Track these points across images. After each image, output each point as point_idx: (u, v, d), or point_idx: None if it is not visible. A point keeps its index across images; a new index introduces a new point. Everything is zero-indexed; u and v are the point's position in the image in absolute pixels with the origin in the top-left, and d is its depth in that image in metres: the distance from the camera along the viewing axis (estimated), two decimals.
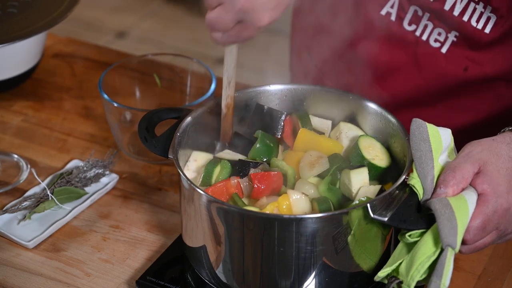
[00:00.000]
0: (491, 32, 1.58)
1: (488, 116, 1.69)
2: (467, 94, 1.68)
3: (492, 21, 1.58)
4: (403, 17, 1.67)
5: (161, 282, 1.43)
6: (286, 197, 1.35)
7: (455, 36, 1.63)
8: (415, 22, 1.66)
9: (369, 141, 1.45)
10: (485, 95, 1.68)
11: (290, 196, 1.35)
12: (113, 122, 1.71)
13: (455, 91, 1.69)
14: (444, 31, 1.63)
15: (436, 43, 1.65)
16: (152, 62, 1.82)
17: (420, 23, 1.65)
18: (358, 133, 1.49)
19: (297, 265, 1.32)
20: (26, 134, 1.81)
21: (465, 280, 1.47)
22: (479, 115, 1.70)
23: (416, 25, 1.66)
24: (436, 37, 1.64)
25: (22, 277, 1.48)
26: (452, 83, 1.68)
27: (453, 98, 1.70)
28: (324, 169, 1.42)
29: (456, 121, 1.72)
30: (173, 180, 1.69)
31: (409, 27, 1.67)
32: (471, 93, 1.68)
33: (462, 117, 1.72)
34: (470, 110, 1.70)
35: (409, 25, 1.67)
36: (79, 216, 1.60)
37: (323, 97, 1.53)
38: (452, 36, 1.63)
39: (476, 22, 1.59)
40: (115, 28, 4.10)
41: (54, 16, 1.81)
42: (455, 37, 1.63)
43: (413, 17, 1.66)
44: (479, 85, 1.66)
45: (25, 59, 1.88)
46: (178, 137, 1.43)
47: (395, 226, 1.29)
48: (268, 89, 1.54)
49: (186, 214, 1.40)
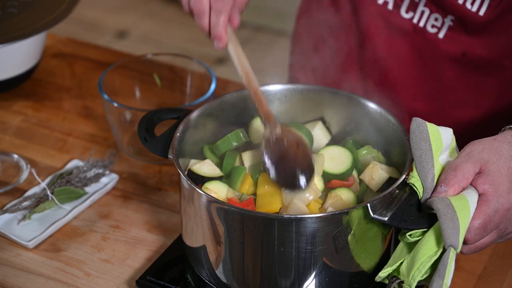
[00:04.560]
0: (485, 14, 1.60)
1: (488, 112, 1.70)
2: (467, 86, 1.69)
3: (486, 3, 1.60)
4: (400, 5, 1.69)
5: (161, 282, 1.43)
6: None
7: (451, 20, 1.64)
8: (412, 9, 1.68)
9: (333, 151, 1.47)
10: (485, 88, 1.68)
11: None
12: (113, 122, 1.71)
13: (455, 82, 1.70)
14: (440, 16, 1.65)
15: (433, 28, 1.67)
16: (152, 62, 1.82)
17: (417, 10, 1.67)
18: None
19: (297, 265, 1.32)
20: (26, 134, 1.81)
21: (465, 280, 1.47)
22: (479, 111, 1.70)
23: (413, 12, 1.68)
24: (433, 22, 1.66)
25: (22, 277, 1.48)
26: (452, 73, 1.69)
27: (453, 91, 1.71)
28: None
29: (456, 117, 1.72)
30: (173, 180, 1.69)
31: (407, 15, 1.69)
32: (471, 85, 1.69)
33: (462, 113, 1.72)
34: (470, 105, 1.71)
35: (406, 13, 1.69)
36: (79, 216, 1.60)
37: (323, 97, 1.53)
38: (449, 21, 1.64)
39: (471, 4, 1.61)
40: (115, 28, 4.10)
41: (54, 16, 1.80)
42: (452, 21, 1.64)
43: (410, 4, 1.68)
44: (479, 75, 1.67)
45: (25, 59, 1.88)
46: (178, 137, 1.43)
47: (395, 226, 1.29)
48: (268, 89, 1.54)
49: (186, 214, 1.40)
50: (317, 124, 1.53)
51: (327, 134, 1.54)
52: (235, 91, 1.52)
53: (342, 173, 1.43)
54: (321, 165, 1.42)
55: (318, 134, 1.53)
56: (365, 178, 1.43)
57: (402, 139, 1.42)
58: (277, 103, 1.54)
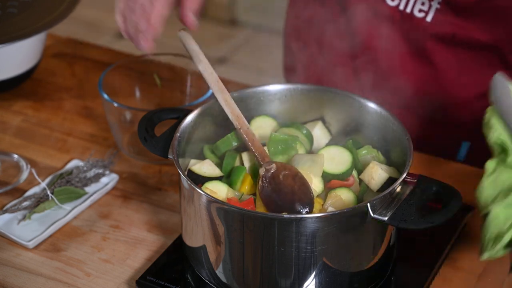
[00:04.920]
0: None
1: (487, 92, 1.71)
2: (462, 68, 1.71)
3: None
4: None
5: (161, 282, 1.43)
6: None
7: (438, 3, 1.65)
8: None
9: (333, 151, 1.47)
10: (480, 69, 1.70)
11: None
12: (113, 122, 1.71)
13: (447, 64, 1.71)
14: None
15: (421, 13, 1.68)
16: (152, 62, 1.82)
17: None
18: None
19: (297, 265, 1.32)
20: (26, 134, 1.81)
21: (465, 280, 1.47)
22: (478, 91, 1.71)
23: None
24: (420, 7, 1.67)
25: (22, 277, 1.48)
26: (443, 55, 1.70)
27: (447, 73, 1.72)
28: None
29: (455, 97, 1.73)
30: (173, 180, 1.69)
31: (392, 3, 1.70)
32: (465, 67, 1.70)
33: (460, 94, 1.73)
34: (468, 86, 1.73)
35: (392, 0, 1.69)
36: (79, 216, 1.60)
37: (323, 97, 1.53)
38: (436, 4, 1.65)
39: None
40: (115, 28, 4.10)
41: (54, 16, 1.80)
42: (439, 4, 1.65)
43: None
44: (473, 56, 1.68)
45: (25, 59, 1.88)
46: (178, 137, 1.43)
47: (395, 225, 1.29)
48: (268, 89, 1.54)
49: (186, 214, 1.40)
50: (317, 124, 1.53)
51: (327, 134, 1.54)
52: (235, 91, 1.52)
53: (342, 173, 1.43)
54: (321, 165, 1.42)
55: (318, 134, 1.53)
56: (365, 178, 1.43)
57: (402, 139, 1.42)
58: (277, 103, 1.54)
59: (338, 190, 1.39)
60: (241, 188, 1.42)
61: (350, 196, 1.39)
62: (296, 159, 1.42)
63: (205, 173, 1.46)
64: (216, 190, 1.40)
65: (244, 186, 1.42)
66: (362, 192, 1.42)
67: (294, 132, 1.50)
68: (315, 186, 1.40)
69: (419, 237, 1.51)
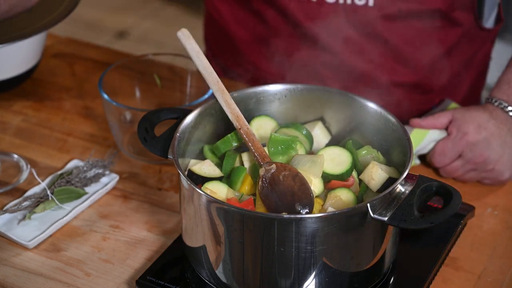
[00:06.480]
0: None
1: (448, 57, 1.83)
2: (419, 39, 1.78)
3: None
4: None
5: (161, 282, 1.43)
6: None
7: None
8: None
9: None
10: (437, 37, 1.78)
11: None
12: (113, 122, 1.71)
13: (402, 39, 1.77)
14: None
15: (361, 1, 1.73)
16: (152, 62, 1.82)
17: None
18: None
19: (297, 265, 1.32)
20: (26, 134, 1.81)
21: (465, 280, 1.47)
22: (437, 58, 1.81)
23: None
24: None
25: (22, 277, 1.48)
26: (396, 32, 1.76)
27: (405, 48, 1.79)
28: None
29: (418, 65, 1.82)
30: (173, 180, 1.69)
31: (331, 0, 1.75)
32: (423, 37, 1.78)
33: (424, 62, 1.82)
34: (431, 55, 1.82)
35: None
36: (79, 216, 1.60)
37: (323, 97, 1.53)
38: None
39: None
40: (115, 28, 4.10)
41: (54, 16, 1.80)
42: None
43: None
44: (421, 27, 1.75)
45: (25, 59, 1.88)
46: (178, 137, 1.43)
47: (395, 225, 1.29)
48: (268, 89, 1.54)
49: (186, 214, 1.40)
50: (317, 124, 1.53)
51: (327, 134, 1.54)
52: (235, 91, 1.52)
53: (341, 174, 1.43)
54: (320, 166, 1.42)
55: (318, 134, 1.53)
56: (365, 178, 1.43)
57: (402, 139, 1.42)
58: (277, 103, 1.54)
59: (338, 190, 1.39)
60: (241, 189, 1.42)
61: (350, 196, 1.39)
62: (296, 160, 1.42)
63: (205, 173, 1.46)
64: (216, 190, 1.40)
65: (244, 187, 1.42)
66: (362, 192, 1.42)
67: (294, 132, 1.50)
68: (315, 187, 1.40)
69: (419, 237, 1.51)
